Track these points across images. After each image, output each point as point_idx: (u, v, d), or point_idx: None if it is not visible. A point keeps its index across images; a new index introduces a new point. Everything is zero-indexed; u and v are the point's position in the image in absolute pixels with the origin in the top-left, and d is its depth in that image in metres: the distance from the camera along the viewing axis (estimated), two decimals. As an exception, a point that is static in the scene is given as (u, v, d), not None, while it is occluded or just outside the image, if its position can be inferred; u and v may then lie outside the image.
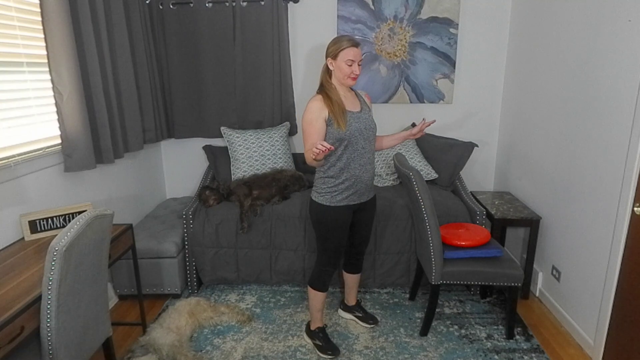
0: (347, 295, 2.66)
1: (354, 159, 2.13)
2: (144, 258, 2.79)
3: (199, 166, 3.75)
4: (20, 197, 2.13)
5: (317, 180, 2.22)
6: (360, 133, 2.11)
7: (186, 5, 3.30)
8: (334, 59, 2.08)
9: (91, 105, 2.49)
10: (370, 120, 2.19)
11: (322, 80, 2.16)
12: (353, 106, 2.17)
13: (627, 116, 2.03)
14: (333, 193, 2.16)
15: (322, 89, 2.13)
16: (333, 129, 2.07)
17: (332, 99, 2.08)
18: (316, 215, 2.22)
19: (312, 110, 2.07)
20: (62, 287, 1.54)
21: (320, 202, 2.18)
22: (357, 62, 2.07)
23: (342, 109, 2.08)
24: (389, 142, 2.36)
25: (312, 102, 2.09)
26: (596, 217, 2.28)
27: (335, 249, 2.25)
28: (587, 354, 2.35)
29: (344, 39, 2.06)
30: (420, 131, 2.22)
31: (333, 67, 2.11)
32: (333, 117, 2.05)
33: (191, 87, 3.48)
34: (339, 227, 2.21)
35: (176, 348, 2.29)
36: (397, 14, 3.33)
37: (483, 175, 3.69)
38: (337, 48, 2.05)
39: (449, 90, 3.47)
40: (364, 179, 2.18)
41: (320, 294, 2.34)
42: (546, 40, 2.78)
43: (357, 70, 2.07)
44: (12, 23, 2.08)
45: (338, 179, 2.14)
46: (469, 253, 2.41)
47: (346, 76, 2.08)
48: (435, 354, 2.35)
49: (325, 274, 2.30)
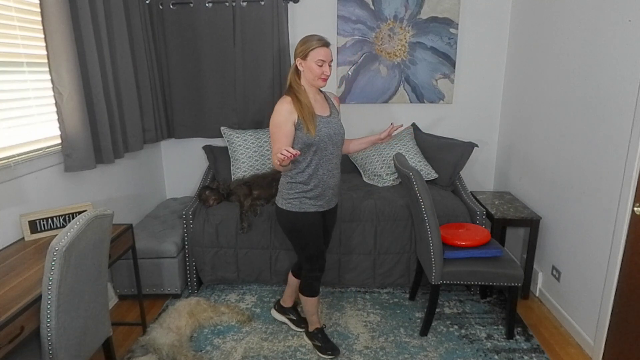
0: (286, 296, 2.60)
1: (322, 165, 2.08)
2: (144, 258, 2.79)
3: (199, 166, 3.75)
4: (20, 197, 2.13)
5: (283, 185, 2.14)
6: (330, 138, 2.06)
7: (186, 5, 3.30)
8: (304, 59, 2.01)
9: (91, 105, 2.49)
10: (339, 125, 2.14)
11: (291, 81, 2.07)
12: (322, 110, 2.11)
13: (627, 116, 2.03)
14: (301, 199, 2.10)
15: (291, 91, 2.05)
16: (302, 134, 2.01)
17: (302, 102, 2.01)
18: (287, 224, 2.16)
19: (281, 112, 2.00)
20: (62, 287, 1.54)
21: (289, 209, 2.12)
22: (328, 63, 2.01)
23: (311, 113, 2.01)
24: (356, 146, 2.29)
25: (280, 104, 2.02)
26: (596, 217, 2.28)
27: (316, 254, 2.20)
28: (587, 354, 2.35)
29: (314, 38, 2.00)
30: (388, 135, 2.16)
31: (303, 68, 2.03)
32: (303, 121, 1.99)
33: (191, 87, 3.47)
34: (314, 231, 2.15)
35: (176, 348, 2.29)
36: (397, 14, 3.33)
37: (483, 175, 3.69)
38: (307, 48, 1.98)
39: (449, 90, 3.47)
40: (331, 184, 2.14)
41: (312, 299, 2.33)
42: (546, 40, 2.78)
43: (327, 71, 2.01)
44: (12, 23, 2.08)
45: (307, 185, 2.08)
46: (469, 253, 2.41)
47: (317, 77, 2.02)
48: (435, 354, 2.36)
49: (314, 279, 2.27)
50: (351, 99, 3.53)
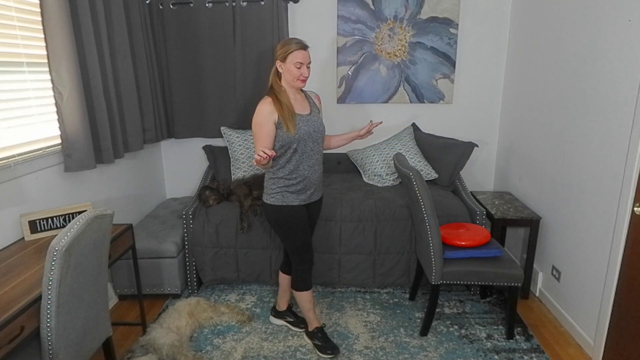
0: (280, 299, 2.61)
1: (303, 161, 2.16)
2: (144, 258, 2.79)
3: (199, 166, 3.75)
4: (20, 197, 2.13)
5: (267, 181, 2.23)
6: (309, 136, 2.14)
7: (186, 5, 3.30)
8: (283, 61, 2.09)
9: (91, 105, 2.49)
10: (319, 123, 2.22)
11: (272, 82, 2.16)
12: (302, 109, 2.19)
13: (627, 116, 2.03)
14: (284, 193, 2.18)
15: (272, 92, 2.13)
16: (282, 132, 2.09)
17: (282, 102, 2.09)
18: (273, 218, 2.23)
19: (262, 113, 2.08)
20: (62, 287, 1.54)
21: (273, 202, 2.20)
22: (306, 65, 2.09)
23: (291, 112, 2.10)
24: (337, 142, 2.41)
25: (261, 104, 2.11)
26: (596, 217, 2.28)
27: (303, 246, 2.26)
28: (587, 354, 2.35)
29: (293, 41, 2.08)
30: (368, 132, 2.29)
31: (282, 70, 2.12)
32: (282, 120, 2.07)
33: (191, 87, 3.47)
34: (298, 223, 2.22)
35: (176, 348, 2.29)
36: (397, 14, 3.33)
37: (483, 175, 3.69)
38: (286, 51, 2.06)
39: (449, 90, 3.47)
40: (312, 179, 2.22)
41: (306, 294, 2.35)
42: (546, 40, 2.78)
43: (306, 72, 2.10)
44: (12, 23, 2.08)
45: (289, 180, 2.16)
46: (469, 253, 2.41)
47: (295, 79, 2.10)
48: (435, 354, 2.36)
49: (304, 273, 2.31)
50: (351, 99, 3.53)
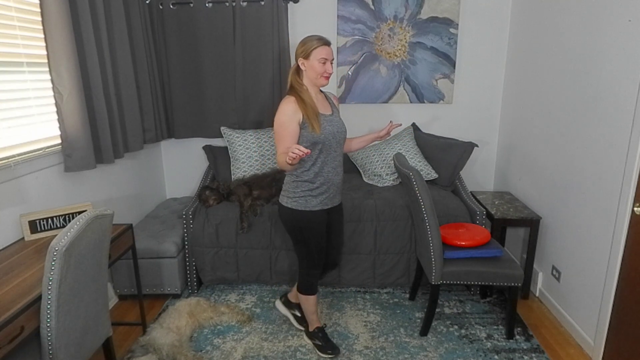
0: (294, 293, 2.59)
1: (327, 163, 2.11)
2: (144, 258, 2.79)
3: (199, 166, 3.75)
4: (20, 197, 2.13)
5: (288, 184, 2.17)
6: (334, 136, 2.10)
7: (186, 5, 3.30)
8: (306, 58, 2.06)
9: (91, 105, 2.49)
10: (341, 124, 2.18)
11: (292, 81, 2.11)
12: (324, 109, 2.15)
13: (627, 116, 2.03)
14: (307, 197, 2.12)
15: (294, 91, 2.09)
16: (307, 132, 2.04)
17: (306, 102, 2.05)
18: (291, 222, 2.18)
19: (286, 112, 2.03)
20: (62, 287, 1.54)
21: (294, 207, 2.13)
22: (330, 61, 2.07)
23: (315, 111, 2.06)
24: (357, 144, 2.35)
25: (284, 103, 2.05)
26: (596, 217, 2.28)
27: (317, 252, 2.22)
28: (587, 354, 2.35)
29: (314, 38, 2.05)
30: (387, 133, 2.26)
31: (305, 67, 2.08)
32: (307, 120, 2.02)
33: (191, 87, 3.47)
34: (318, 230, 2.17)
35: (176, 348, 2.29)
36: (397, 14, 3.33)
37: (483, 175, 3.69)
38: (309, 47, 2.04)
39: (449, 90, 3.47)
40: (335, 182, 2.17)
41: (311, 297, 2.33)
42: (546, 40, 2.78)
43: (330, 68, 2.07)
44: (12, 23, 2.08)
45: (313, 184, 2.11)
46: (469, 253, 2.40)
47: (319, 75, 2.06)
48: (435, 354, 2.35)
49: (312, 277, 2.28)
50: (351, 99, 3.53)
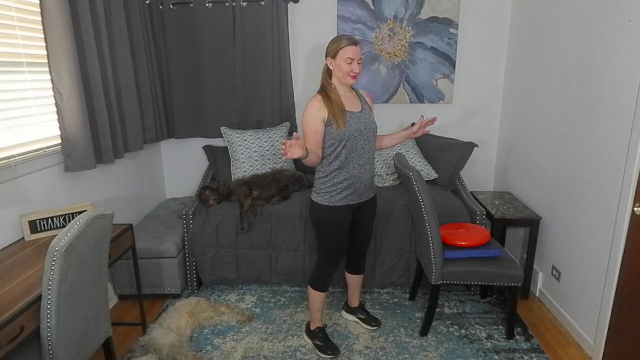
0: (350, 297, 2.65)
1: (352, 159, 2.13)
2: (144, 258, 2.79)
3: (199, 166, 3.75)
4: (20, 197, 2.13)
5: (316, 180, 2.23)
6: (360, 133, 2.12)
7: (186, 5, 3.30)
8: (334, 58, 2.09)
9: (91, 105, 2.49)
10: (370, 121, 2.19)
11: (323, 81, 2.17)
12: (353, 106, 2.17)
13: (627, 116, 2.03)
14: (331, 193, 2.16)
15: (323, 90, 2.14)
16: (332, 129, 2.08)
17: (332, 99, 2.09)
18: (316, 216, 2.23)
19: (311, 110, 2.08)
20: (62, 287, 1.54)
21: (319, 202, 2.19)
22: (357, 60, 2.08)
23: (341, 109, 2.09)
24: (389, 142, 2.37)
25: (311, 102, 2.11)
26: (596, 217, 2.28)
27: (334, 249, 2.25)
28: (587, 354, 2.35)
29: (343, 37, 2.08)
30: (421, 129, 2.25)
31: (333, 67, 2.12)
32: (332, 117, 2.06)
33: (191, 87, 3.47)
34: (338, 227, 2.21)
35: (176, 348, 2.29)
36: (397, 14, 3.33)
37: (483, 175, 3.69)
38: (337, 47, 2.07)
39: (449, 90, 3.47)
40: (362, 178, 2.18)
41: (320, 294, 2.34)
42: (546, 40, 2.78)
43: (356, 68, 2.08)
44: (12, 23, 2.08)
45: (336, 179, 2.15)
46: (469, 253, 2.40)
47: (346, 74, 2.09)
48: (435, 354, 2.35)
49: (325, 274, 2.30)
50: (351, 99, 3.53)
